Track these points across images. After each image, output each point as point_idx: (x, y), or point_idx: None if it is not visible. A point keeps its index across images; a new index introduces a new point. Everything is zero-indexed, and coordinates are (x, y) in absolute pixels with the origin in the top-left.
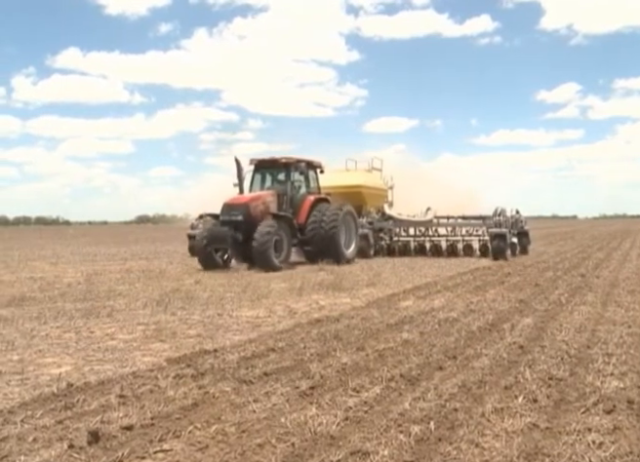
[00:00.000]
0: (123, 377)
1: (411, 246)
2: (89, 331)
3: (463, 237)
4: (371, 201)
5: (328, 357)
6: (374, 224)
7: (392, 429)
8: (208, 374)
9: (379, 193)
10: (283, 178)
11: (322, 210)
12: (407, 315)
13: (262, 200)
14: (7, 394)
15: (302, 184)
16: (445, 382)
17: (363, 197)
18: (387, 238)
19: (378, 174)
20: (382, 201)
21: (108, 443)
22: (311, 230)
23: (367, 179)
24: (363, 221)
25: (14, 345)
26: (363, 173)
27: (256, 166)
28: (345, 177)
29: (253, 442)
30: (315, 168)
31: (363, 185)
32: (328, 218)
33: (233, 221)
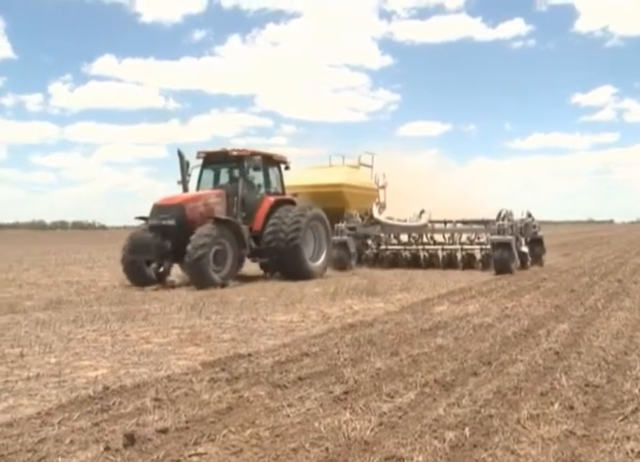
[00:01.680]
0: (158, 381)
1: (402, 255)
2: (124, 335)
3: (463, 245)
4: (355, 202)
5: (362, 362)
6: (357, 230)
7: (427, 435)
8: (242, 378)
9: (365, 193)
10: (234, 175)
11: (283, 214)
12: (441, 320)
13: (204, 200)
14: (44, 396)
15: (260, 183)
16: (480, 388)
17: (344, 198)
18: (374, 246)
19: (365, 172)
20: (371, 202)
21: (144, 446)
22: (269, 239)
23: (350, 177)
24: (342, 227)
25: (51, 348)
26: (346, 170)
27: (204, 159)
28: (324, 175)
29: (287, 447)
30: (278, 163)
31: (344, 184)
32: (289, 224)
33: (162, 226)
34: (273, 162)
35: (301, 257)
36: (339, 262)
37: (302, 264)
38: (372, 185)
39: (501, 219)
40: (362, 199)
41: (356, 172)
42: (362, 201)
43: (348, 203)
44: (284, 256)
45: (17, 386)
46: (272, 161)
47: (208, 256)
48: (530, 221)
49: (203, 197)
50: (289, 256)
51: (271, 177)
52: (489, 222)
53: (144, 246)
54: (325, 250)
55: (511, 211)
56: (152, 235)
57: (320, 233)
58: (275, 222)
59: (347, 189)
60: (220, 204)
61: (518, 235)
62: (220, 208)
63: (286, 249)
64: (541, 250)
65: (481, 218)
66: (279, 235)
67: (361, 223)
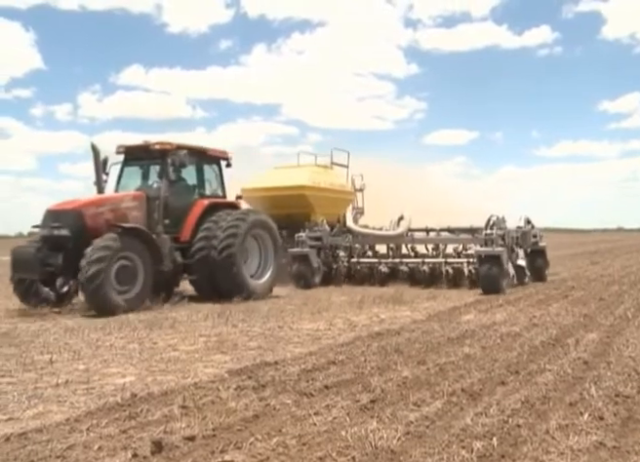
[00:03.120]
0: (185, 388)
1: (377, 270)
2: (152, 342)
3: (447, 258)
4: (323, 207)
5: (388, 370)
6: (323, 240)
7: (454, 444)
8: (269, 386)
9: (337, 197)
10: (157, 173)
11: (218, 221)
12: (468, 329)
13: (113, 205)
14: (73, 402)
15: (193, 183)
16: (508, 397)
17: (308, 202)
18: (346, 259)
19: (338, 173)
20: (344, 208)
21: (171, 454)
22: (198, 250)
23: (317, 178)
24: (303, 237)
25: (80, 355)
26: (312, 170)
27: (125, 155)
28: (286, 176)
29: (313, 456)
30: (217, 160)
31: (307, 186)
32: (222, 233)
33: (53, 237)
34: (210, 158)
35: (237, 272)
36: (299, 279)
37: (239, 280)
38: (345, 188)
39: (490, 228)
40: (332, 203)
41: (326, 172)
42: (333, 206)
43: (314, 208)
44: (216, 271)
45: (46, 392)
46: (209, 157)
47: (106, 274)
48: (528, 230)
49: (111, 201)
50: (222, 271)
51: (207, 177)
52: (477, 231)
53: (25, 262)
54: (272, 265)
55: (503, 218)
56: (35, 249)
57: (267, 244)
58: (208, 230)
59: (312, 192)
60: (137, 209)
61: (513, 246)
62: (137, 213)
63: (218, 261)
64: (544, 262)
65: (469, 226)
66: (211, 244)
67: (329, 232)
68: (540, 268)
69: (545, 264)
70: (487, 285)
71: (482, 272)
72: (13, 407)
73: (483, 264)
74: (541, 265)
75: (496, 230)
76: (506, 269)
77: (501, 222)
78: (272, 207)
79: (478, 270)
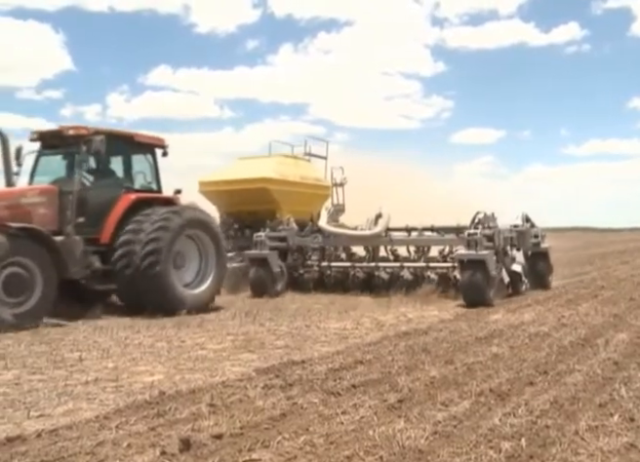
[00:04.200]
0: (213, 386)
1: (351, 276)
2: (180, 341)
3: (429, 263)
4: (290, 203)
5: (416, 370)
6: (289, 241)
7: (482, 445)
8: (296, 385)
9: (309, 192)
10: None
11: (144, 220)
12: (496, 328)
13: (10, 201)
14: (102, 400)
15: (117, 174)
16: (536, 398)
17: (272, 197)
18: (316, 263)
19: (314, 165)
20: (319, 204)
21: (199, 451)
22: (120, 255)
23: (284, 170)
24: (263, 237)
25: (109, 353)
26: (278, 161)
27: (40, 143)
28: (248, 168)
29: (341, 455)
30: (148, 147)
31: (271, 179)
32: (148, 233)
33: None
34: (141, 146)
35: (164, 282)
36: (257, 286)
37: (166, 291)
38: (321, 182)
39: (474, 226)
40: (304, 199)
41: (297, 164)
42: (304, 202)
43: (279, 204)
44: (139, 280)
45: (76, 390)
46: (138, 145)
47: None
48: (525, 229)
49: (7, 196)
50: (145, 280)
51: (137, 168)
52: (464, 230)
53: None
54: (213, 272)
55: (492, 216)
56: None
57: (207, 247)
58: (131, 232)
59: (276, 186)
60: (45, 205)
61: (506, 248)
62: (44, 211)
63: (141, 270)
64: (547, 267)
65: (456, 225)
66: (133, 249)
67: (296, 232)
68: (541, 273)
69: (549, 269)
70: (469, 295)
71: (463, 279)
72: (44, 404)
73: (465, 270)
74: (544, 270)
75: (481, 229)
76: (494, 276)
77: (490, 220)
78: (233, 203)
79: (460, 277)
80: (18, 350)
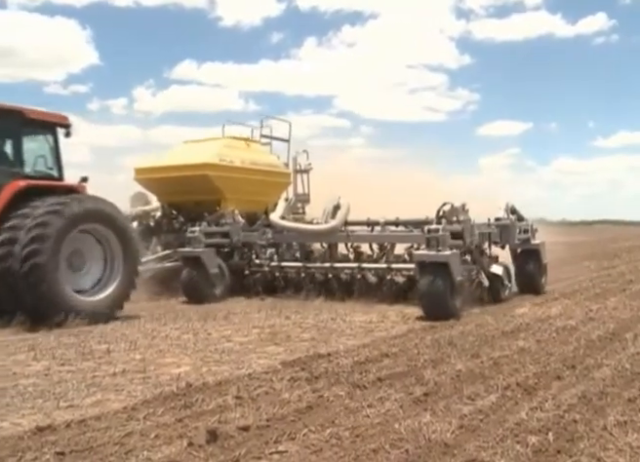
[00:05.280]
0: (239, 379)
1: (306, 277)
2: (206, 333)
3: (391, 264)
4: (238, 192)
5: (442, 363)
6: (232, 237)
7: (508, 439)
8: (322, 378)
9: (262, 179)
10: None
11: (28, 214)
12: (523, 322)
13: None
14: (130, 391)
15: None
16: (563, 392)
17: (213, 185)
18: (266, 263)
19: (266, 148)
20: (276, 193)
21: (226, 443)
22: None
23: (229, 155)
24: (196, 233)
25: (136, 345)
26: (224, 145)
27: None
28: (189, 152)
29: (367, 447)
30: (47, 127)
31: (213, 164)
32: (26, 236)
33: None
34: (37, 125)
35: (49, 288)
36: (190, 290)
37: (53, 299)
38: (278, 168)
39: (437, 221)
40: (255, 188)
41: (248, 147)
42: (256, 191)
43: (224, 193)
44: (20, 287)
45: (104, 381)
46: (33, 123)
47: None
48: (510, 223)
49: None
50: (27, 287)
51: (30, 150)
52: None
53: None
54: (119, 275)
55: (463, 207)
56: None
57: (112, 245)
58: (12, 229)
59: (219, 172)
60: None
61: (482, 246)
62: None
63: (21, 274)
64: (539, 267)
65: (425, 218)
66: (12, 250)
67: (242, 226)
68: (531, 275)
69: (541, 270)
70: (428, 304)
71: (421, 286)
72: (72, 395)
73: (424, 275)
74: (534, 271)
75: (445, 225)
76: (460, 281)
77: (460, 212)
78: (173, 192)
79: (418, 283)
80: (47, 341)
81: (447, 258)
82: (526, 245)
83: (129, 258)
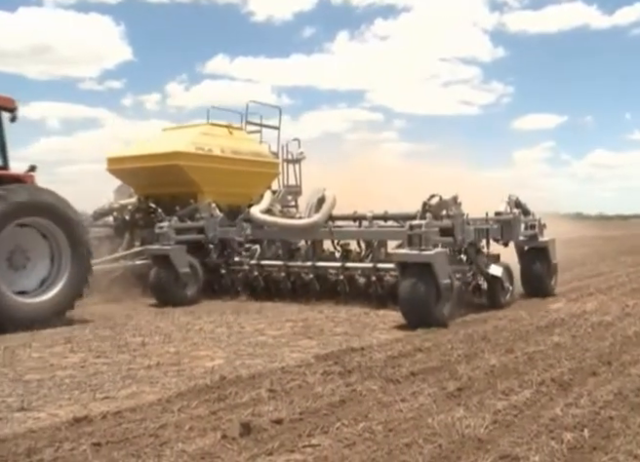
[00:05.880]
0: (273, 372)
1: (286, 278)
2: (240, 327)
3: (376, 264)
4: (217, 184)
5: (476, 358)
6: (208, 233)
7: (543, 435)
8: (355, 372)
9: (242, 170)
10: None
11: None
12: (558, 317)
13: None
14: (165, 384)
15: None
16: (599, 389)
17: (187, 176)
18: (246, 261)
19: (250, 136)
20: (262, 185)
21: (259, 436)
22: None
23: (206, 143)
24: (165, 228)
25: (170, 338)
26: (201, 132)
27: None
28: (162, 140)
29: (400, 442)
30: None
31: (184, 153)
32: None
33: None
34: None
35: None
36: (157, 291)
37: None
38: (264, 157)
39: (421, 216)
40: (237, 179)
41: (230, 135)
42: (238, 182)
43: (199, 185)
44: None
45: (139, 373)
46: None
47: None
48: (513, 218)
49: None
50: None
51: None
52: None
53: None
54: (66, 274)
55: (454, 200)
56: None
57: (59, 241)
58: None
59: (193, 162)
60: None
61: (479, 244)
62: None
63: None
64: (547, 267)
65: (416, 211)
66: None
67: (219, 221)
68: (538, 276)
69: (550, 270)
70: (409, 312)
71: (401, 291)
72: (108, 387)
73: (405, 277)
74: (541, 272)
75: (430, 219)
76: (446, 285)
77: (451, 206)
78: (148, 184)
79: (399, 287)
80: (83, 334)
81: (430, 258)
82: (532, 242)
83: (78, 255)
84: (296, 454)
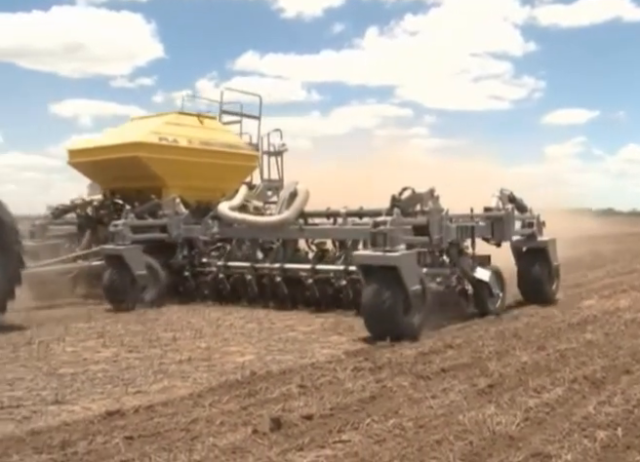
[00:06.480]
0: (303, 368)
1: (252, 281)
2: (270, 322)
3: (348, 266)
4: (181, 178)
5: (507, 355)
6: (171, 231)
7: (575, 433)
8: (385, 368)
9: (214, 162)
10: None
11: None
12: (590, 314)
13: None
14: (196, 379)
15: None
16: (632, 387)
17: (149, 169)
18: (213, 262)
19: (224, 127)
20: (237, 178)
21: (290, 431)
22: None
23: (171, 133)
24: (120, 227)
25: (201, 333)
26: (165, 121)
27: None
28: (124, 132)
29: (430, 438)
30: None
31: (144, 144)
32: None
33: None
34: None
35: None
36: (111, 294)
37: None
38: (239, 149)
39: (389, 211)
40: (208, 173)
41: (200, 125)
42: (210, 176)
43: (164, 179)
44: None
45: (170, 368)
46: None
47: None
48: (505, 214)
49: None
50: None
51: None
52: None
53: None
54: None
55: (432, 193)
56: None
57: None
58: None
59: (155, 153)
60: None
61: (462, 244)
62: None
63: None
64: (547, 271)
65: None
66: None
67: (182, 218)
68: (536, 280)
69: (550, 273)
70: (372, 322)
71: (364, 297)
72: (140, 381)
73: (368, 283)
74: (540, 275)
75: (397, 216)
76: (415, 291)
77: (426, 200)
78: (110, 178)
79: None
80: (115, 329)
81: (396, 261)
82: (530, 242)
83: (7, 255)
84: (326, 450)
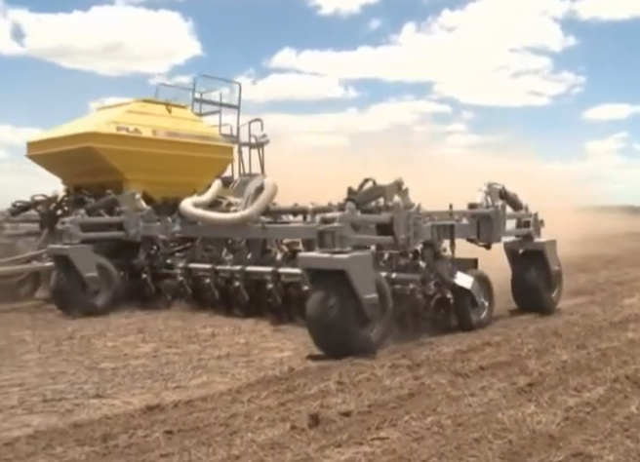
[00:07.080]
0: (341, 364)
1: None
2: None
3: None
4: (144, 172)
5: (546, 353)
6: (128, 230)
7: (617, 433)
8: (423, 366)
9: (182, 154)
10: None
11: None
12: (632, 313)
13: None
14: (235, 374)
15: None
16: None
17: (104, 162)
18: (176, 264)
19: (195, 116)
20: (211, 172)
21: (328, 427)
22: None
23: (132, 122)
24: (68, 224)
25: (240, 329)
26: (127, 110)
27: None
28: (82, 121)
29: (469, 437)
30: None
31: (99, 134)
32: None
33: None
34: None
35: None
36: (58, 297)
37: None
38: (212, 140)
39: (339, 207)
40: (176, 166)
41: (167, 114)
42: (179, 170)
43: (122, 173)
44: None
45: (209, 364)
46: None
47: None
48: (493, 211)
49: None
50: None
51: None
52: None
53: None
54: None
55: (399, 186)
56: None
57: None
58: None
59: (110, 145)
60: None
61: (439, 246)
62: None
63: None
64: (545, 276)
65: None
66: None
67: (140, 216)
68: (532, 287)
69: (550, 279)
70: (318, 335)
71: (308, 306)
72: (180, 376)
73: (315, 290)
74: (536, 281)
75: (349, 211)
76: (369, 300)
77: (391, 194)
78: (70, 172)
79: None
80: (155, 324)
81: (344, 264)
82: (526, 244)
83: None
84: (364, 447)
